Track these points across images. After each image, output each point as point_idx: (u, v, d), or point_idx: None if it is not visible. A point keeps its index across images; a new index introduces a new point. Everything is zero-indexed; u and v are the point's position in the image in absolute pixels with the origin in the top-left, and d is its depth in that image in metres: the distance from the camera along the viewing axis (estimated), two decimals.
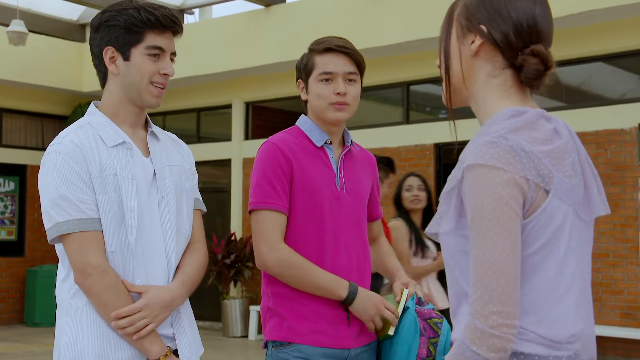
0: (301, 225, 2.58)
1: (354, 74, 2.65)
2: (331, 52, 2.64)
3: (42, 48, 12.03)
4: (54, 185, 2.15)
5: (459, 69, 1.70)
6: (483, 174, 1.52)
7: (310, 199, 2.58)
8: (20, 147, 12.96)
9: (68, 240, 2.16)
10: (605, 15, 8.24)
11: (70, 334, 2.17)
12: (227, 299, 11.08)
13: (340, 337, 2.59)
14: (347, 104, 2.64)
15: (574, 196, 1.60)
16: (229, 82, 11.78)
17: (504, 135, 1.55)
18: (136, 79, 2.24)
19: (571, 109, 8.80)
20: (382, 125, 10.43)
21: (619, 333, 8.17)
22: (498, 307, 1.49)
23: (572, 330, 1.59)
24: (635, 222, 8.35)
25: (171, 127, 13.19)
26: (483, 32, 1.66)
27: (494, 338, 1.48)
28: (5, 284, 12.63)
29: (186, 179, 2.39)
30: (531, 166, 1.54)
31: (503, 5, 1.65)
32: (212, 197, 12.39)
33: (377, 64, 10.09)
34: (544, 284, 1.58)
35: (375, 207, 2.86)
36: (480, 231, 1.52)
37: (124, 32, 2.22)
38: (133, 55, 2.23)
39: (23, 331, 11.85)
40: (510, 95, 1.67)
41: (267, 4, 10.65)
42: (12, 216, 12.93)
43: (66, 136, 2.22)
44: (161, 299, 2.20)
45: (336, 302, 2.58)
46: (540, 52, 1.63)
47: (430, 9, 9.05)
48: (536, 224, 1.56)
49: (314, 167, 2.61)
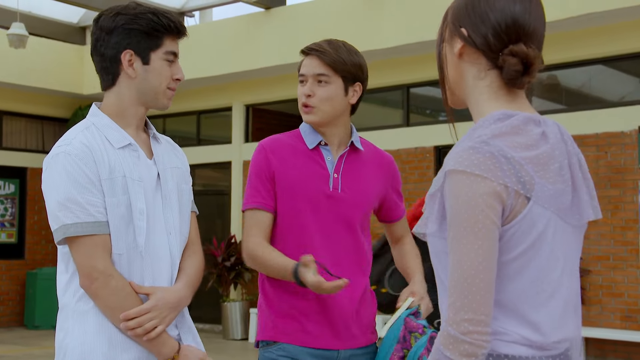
0: (284, 223, 2.64)
1: (324, 75, 2.63)
2: (305, 54, 2.69)
3: (42, 51, 12.05)
4: (63, 187, 2.14)
5: (451, 72, 1.71)
6: (461, 180, 1.53)
7: (292, 197, 2.62)
8: (20, 150, 12.97)
9: (75, 244, 2.16)
10: (604, 18, 8.25)
11: (77, 337, 2.17)
12: (227, 301, 11.07)
13: (325, 337, 2.60)
14: (313, 107, 2.64)
15: (558, 202, 1.59)
16: (229, 85, 11.79)
17: (486, 141, 1.55)
18: (155, 83, 2.27)
19: (571, 111, 8.81)
20: (382, 127, 10.43)
21: (620, 336, 8.17)
22: (469, 315, 1.51)
23: (558, 334, 1.60)
24: (636, 225, 8.35)
25: (171, 129, 13.20)
26: (463, 35, 1.67)
27: (465, 344, 1.50)
28: (5, 286, 12.63)
29: (185, 182, 2.41)
30: (512, 173, 1.53)
31: (483, 7, 1.64)
32: (212, 200, 12.40)
33: (377, 66, 10.10)
34: (526, 288, 1.58)
35: (393, 208, 2.84)
36: (456, 237, 1.53)
37: (145, 37, 2.25)
38: (152, 59, 2.26)
39: (23, 334, 11.85)
40: (498, 96, 1.66)
41: (267, 7, 10.66)
42: (12, 219, 12.93)
43: (75, 137, 2.21)
44: (169, 300, 2.21)
45: (321, 303, 2.59)
46: (519, 51, 1.61)
47: (430, 12, 9.06)
48: (517, 230, 1.56)
49: (303, 167, 2.64)
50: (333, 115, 2.66)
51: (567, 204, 1.61)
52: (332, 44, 2.66)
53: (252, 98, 11.78)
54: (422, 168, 9.94)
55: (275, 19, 10.60)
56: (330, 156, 2.69)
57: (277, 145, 2.68)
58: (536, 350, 1.57)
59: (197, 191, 13.65)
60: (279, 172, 2.63)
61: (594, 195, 1.68)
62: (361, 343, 2.66)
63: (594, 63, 8.91)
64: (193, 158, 12.39)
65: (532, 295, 1.58)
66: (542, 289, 1.59)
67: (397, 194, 2.85)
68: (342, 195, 2.65)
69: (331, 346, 2.60)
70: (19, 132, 13.10)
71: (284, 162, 2.64)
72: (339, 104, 2.66)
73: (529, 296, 1.58)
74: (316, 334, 2.59)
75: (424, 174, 9.93)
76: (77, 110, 12.83)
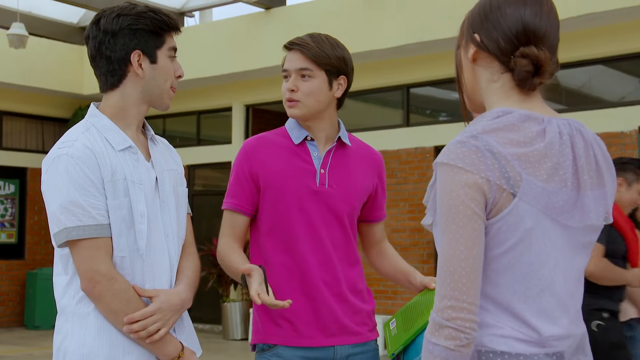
0: (271, 220, 2.63)
1: (307, 69, 2.62)
2: (288, 49, 2.69)
3: (42, 51, 12.05)
4: (65, 189, 2.13)
5: (468, 77, 1.78)
6: (446, 172, 1.60)
7: (277, 194, 2.61)
8: (20, 150, 12.97)
9: (77, 247, 2.14)
10: (605, 18, 8.25)
11: (78, 340, 2.16)
12: (227, 301, 11.08)
13: (316, 335, 2.59)
14: (297, 101, 2.64)
15: (548, 201, 1.61)
16: (229, 85, 11.79)
17: (475, 135, 1.60)
18: (161, 81, 2.30)
19: (571, 111, 8.81)
20: (382, 127, 10.43)
21: None
22: (452, 302, 1.56)
23: (550, 330, 1.62)
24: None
25: (171, 129, 13.20)
26: (476, 40, 1.72)
27: (448, 329, 1.56)
28: (5, 287, 12.63)
29: (181, 184, 2.41)
30: (495, 168, 1.58)
31: (494, 12, 1.71)
32: (212, 200, 12.39)
33: (377, 66, 10.10)
34: (517, 283, 1.62)
35: (376, 207, 2.82)
36: (441, 228, 1.60)
37: (151, 36, 2.27)
38: (159, 57, 2.29)
39: (23, 334, 11.85)
40: (509, 96, 1.71)
41: (267, 7, 10.66)
42: (12, 219, 12.93)
43: (77, 139, 2.19)
44: (172, 303, 2.22)
45: (309, 301, 2.58)
46: (530, 53, 1.66)
47: (430, 12, 9.06)
48: (503, 225, 1.60)
49: (287, 163, 2.63)
50: (318, 110, 2.65)
51: (562, 203, 1.62)
52: (315, 38, 2.65)
53: (252, 98, 11.78)
54: (422, 168, 9.94)
55: (275, 19, 10.60)
56: (317, 151, 2.68)
57: (260, 143, 2.68)
58: (530, 347, 1.60)
59: (197, 191, 13.64)
60: (261, 170, 2.62)
61: (605, 203, 1.69)
62: (358, 339, 2.64)
63: (594, 63, 8.91)
64: (193, 158, 12.39)
65: (522, 290, 1.62)
66: (532, 284, 1.62)
67: (383, 193, 2.83)
68: (329, 190, 2.63)
69: (323, 343, 2.58)
70: (19, 132, 13.10)
71: (267, 159, 2.64)
72: (323, 98, 2.65)
73: (519, 291, 1.62)
74: (307, 334, 2.58)
75: (423, 174, 9.92)
76: (77, 111, 12.83)
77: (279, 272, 2.60)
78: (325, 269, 2.60)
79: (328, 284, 2.60)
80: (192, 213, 2.50)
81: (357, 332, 2.64)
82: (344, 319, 2.61)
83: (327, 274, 2.60)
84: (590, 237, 1.70)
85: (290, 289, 2.57)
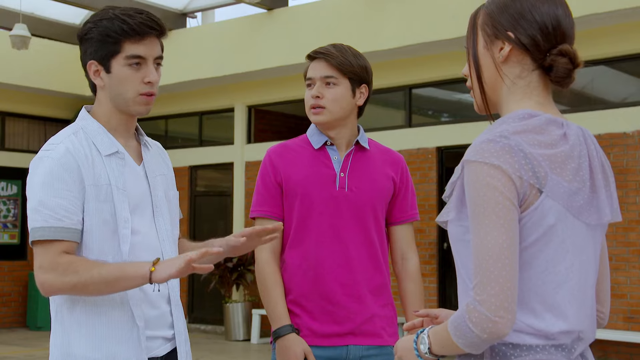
0: (295, 224, 2.69)
1: (331, 77, 2.70)
2: (311, 58, 2.75)
3: (44, 52, 12.06)
4: (39, 190, 2.12)
5: (490, 75, 1.77)
6: (479, 167, 1.60)
7: (300, 199, 2.68)
8: (22, 151, 12.98)
9: (39, 247, 2.12)
10: (607, 19, 8.24)
11: (62, 340, 2.20)
12: (229, 302, 11.07)
13: (327, 335, 2.63)
14: (323, 107, 2.69)
15: (572, 200, 1.64)
16: (231, 86, 11.79)
17: (506, 136, 1.62)
18: (121, 90, 2.22)
19: (574, 112, 8.80)
20: (384, 128, 10.42)
21: (622, 337, 8.16)
22: (496, 290, 1.55)
23: (562, 325, 1.63)
24: (638, 226, 8.34)
25: (173, 130, 13.21)
26: (510, 37, 1.72)
27: (489, 322, 1.54)
28: (7, 287, 12.64)
29: (172, 188, 2.42)
30: (528, 167, 1.60)
31: (527, 9, 1.72)
32: (214, 201, 12.40)
33: (379, 67, 10.09)
34: (534, 278, 1.63)
35: (397, 209, 2.82)
36: (478, 220, 1.59)
37: (101, 45, 2.21)
38: (113, 67, 2.22)
39: (26, 335, 11.86)
40: (532, 96, 1.73)
41: (270, 8, 10.66)
42: (15, 220, 12.94)
43: (60, 143, 2.19)
44: None
45: (325, 299, 2.63)
46: (569, 51, 1.69)
47: (432, 13, 9.06)
48: (528, 221, 1.62)
49: (309, 168, 2.70)
50: (341, 116, 2.72)
51: (582, 202, 1.66)
52: (338, 48, 2.73)
53: (254, 99, 11.78)
54: (424, 169, 9.93)
55: (278, 20, 10.60)
56: (337, 155, 2.74)
57: (283, 149, 2.76)
58: (540, 339, 1.62)
59: (199, 192, 13.65)
60: (285, 177, 2.70)
61: (615, 199, 1.74)
62: (374, 342, 2.67)
63: (596, 64, 8.90)
64: (195, 159, 12.40)
65: (539, 285, 1.63)
66: (549, 279, 1.64)
67: (406, 194, 2.83)
68: (349, 193, 2.69)
69: (336, 343, 2.62)
70: (21, 133, 13.12)
71: (290, 166, 2.71)
72: (347, 105, 2.73)
73: (536, 285, 1.63)
74: (320, 332, 2.63)
75: (425, 175, 9.92)
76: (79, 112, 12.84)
77: (294, 271, 2.67)
78: (342, 270, 2.65)
79: (344, 284, 2.65)
80: (182, 215, 2.50)
81: (375, 334, 2.68)
82: (360, 320, 2.64)
83: (344, 276, 2.65)
84: (602, 236, 1.75)
85: (305, 289, 2.63)
